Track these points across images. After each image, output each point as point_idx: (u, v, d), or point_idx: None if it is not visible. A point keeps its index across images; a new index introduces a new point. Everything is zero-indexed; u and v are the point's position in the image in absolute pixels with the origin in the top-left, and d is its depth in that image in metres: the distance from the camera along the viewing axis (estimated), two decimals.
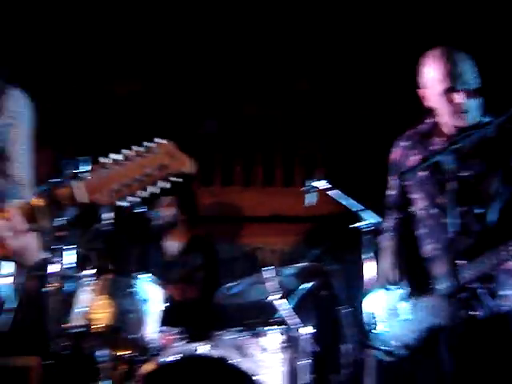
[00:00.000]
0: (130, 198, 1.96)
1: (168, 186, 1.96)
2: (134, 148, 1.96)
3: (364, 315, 3.43)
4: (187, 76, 6.41)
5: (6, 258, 2.25)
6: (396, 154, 3.46)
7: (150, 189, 1.95)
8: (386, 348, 3.25)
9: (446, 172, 2.98)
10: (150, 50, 6.22)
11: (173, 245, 4.92)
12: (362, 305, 3.46)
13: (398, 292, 3.27)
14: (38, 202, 2.07)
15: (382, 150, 3.64)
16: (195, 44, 6.24)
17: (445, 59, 3.17)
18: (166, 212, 4.83)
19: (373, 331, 3.34)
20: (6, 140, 2.42)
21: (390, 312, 3.30)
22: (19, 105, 2.47)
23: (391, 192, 3.52)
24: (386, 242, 3.49)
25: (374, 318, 3.36)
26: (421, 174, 3.27)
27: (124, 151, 1.95)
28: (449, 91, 3.14)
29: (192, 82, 6.41)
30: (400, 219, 3.47)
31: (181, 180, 1.98)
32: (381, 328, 3.32)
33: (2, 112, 2.42)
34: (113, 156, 1.96)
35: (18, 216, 2.06)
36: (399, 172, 3.37)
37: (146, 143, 1.96)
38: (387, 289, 3.33)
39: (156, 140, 1.96)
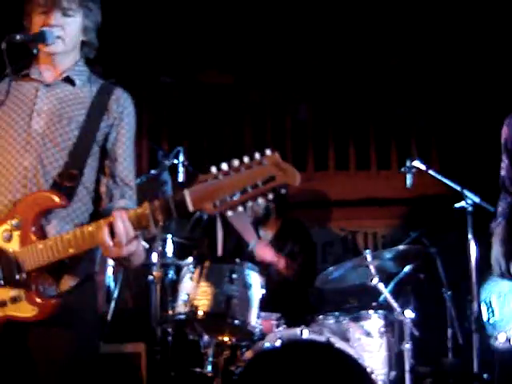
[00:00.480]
0: (238, 208, 1.97)
1: (272, 196, 1.95)
2: (244, 159, 1.96)
3: (481, 304, 3.36)
4: (277, 65, 6.42)
5: (115, 260, 2.30)
6: (506, 132, 3.30)
7: (258, 200, 1.96)
8: (504, 335, 3.17)
9: None
10: (242, 43, 6.26)
11: (266, 234, 4.93)
12: (480, 294, 3.40)
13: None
14: (149, 208, 2.08)
15: (484, 128, 3.53)
16: (284, 34, 6.24)
17: None
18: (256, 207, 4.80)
19: (490, 320, 3.27)
20: (112, 141, 2.46)
21: (505, 299, 3.21)
22: (123, 105, 2.50)
23: (503, 173, 3.38)
24: (498, 228, 3.36)
25: (491, 306, 3.29)
26: None
27: (233, 162, 1.95)
28: None
29: (282, 71, 6.42)
30: (511, 203, 3.33)
31: (285, 191, 1.97)
32: (497, 316, 3.24)
33: (107, 113, 2.45)
34: (223, 166, 1.96)
35: (127, 222, 2.10)
36: (510, 151, 3.24)
37: (256, 154, 1.95)
38: (501, 277, 3.23)
39: (265, 152, 1.95)
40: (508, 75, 5.36)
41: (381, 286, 4.02)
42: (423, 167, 4.21)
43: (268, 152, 1.95)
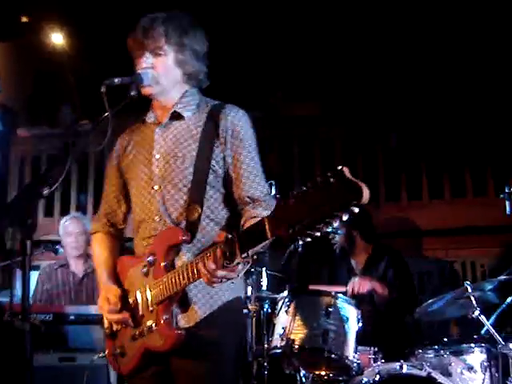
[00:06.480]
0: (314, 233, 1.83)
1: (346, 218, 1.77)
2: (317, 179, 1.82)
3: None
4: (363, 95, 6.42)
5: None
6: None
7: (333, 223, 1.79)
8: None
9: None
10: (328, 74, 6.30)
11: (357, 263, 4.84)
12: None
13: None
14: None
15: None
16: (370, 64, 6.26)
17: None
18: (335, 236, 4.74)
19: None
20: (230, 163, 2.45)
21: None
22: (234, 122, 2.47)
23: None
24: None
25: None
26: None
27: (308, 183, 1.85)
28: None
29: (369, 101, 6.41)
30: None
31: (358, 210, 1.76)
32: None
33: (217, 138, 2.45)
34: (295, 190, 1.88)
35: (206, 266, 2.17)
36: None
37: (329, 173, 1.79)
38: None
39: (336, 170, 1.78)
40: None
41: (482, 318, 3.88)
42: None
43: (339, 168, 1.77)
